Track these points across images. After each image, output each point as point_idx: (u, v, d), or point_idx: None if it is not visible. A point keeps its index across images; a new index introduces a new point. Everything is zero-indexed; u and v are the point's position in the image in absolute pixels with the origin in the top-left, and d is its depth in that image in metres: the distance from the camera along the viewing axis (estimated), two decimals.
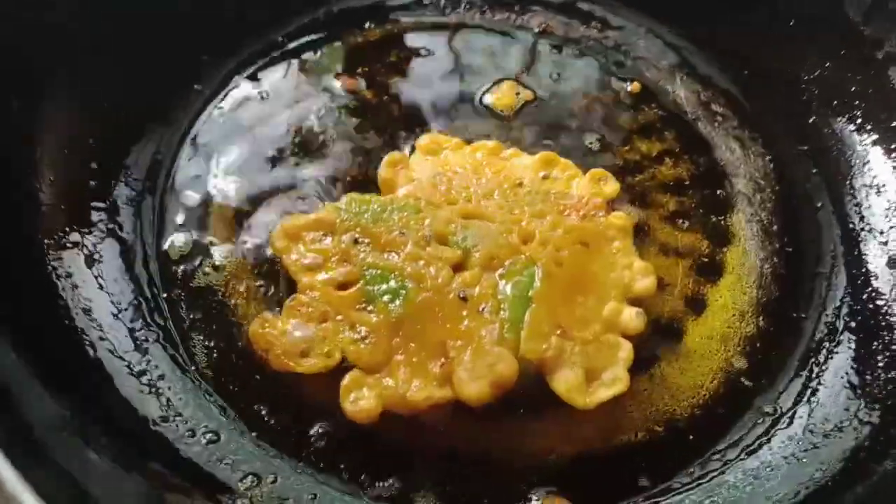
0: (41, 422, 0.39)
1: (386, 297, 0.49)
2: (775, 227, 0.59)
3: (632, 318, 0.50)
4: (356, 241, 0.52)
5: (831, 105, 0.63)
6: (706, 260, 0.57)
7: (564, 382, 0.47)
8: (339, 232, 0.52)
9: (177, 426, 0.45)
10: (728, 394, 0.50)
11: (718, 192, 0.61)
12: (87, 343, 0.45)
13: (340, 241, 0.52)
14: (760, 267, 0.57)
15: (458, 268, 0.51)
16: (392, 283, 0.50)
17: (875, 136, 0.60)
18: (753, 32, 0.67)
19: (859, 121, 0.61)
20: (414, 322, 0.48)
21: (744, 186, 0.61)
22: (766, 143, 0.63)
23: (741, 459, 0.47)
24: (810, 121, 0.63)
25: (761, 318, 0.54)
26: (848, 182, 0.60)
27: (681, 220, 0.58)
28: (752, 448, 0.48)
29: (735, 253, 0.57)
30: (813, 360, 0.51)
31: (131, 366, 0.47)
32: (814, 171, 0.61)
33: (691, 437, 0.48)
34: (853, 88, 0.62)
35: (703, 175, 0.61)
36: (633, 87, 0.67)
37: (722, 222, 0.59)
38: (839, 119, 0.62)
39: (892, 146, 0.59)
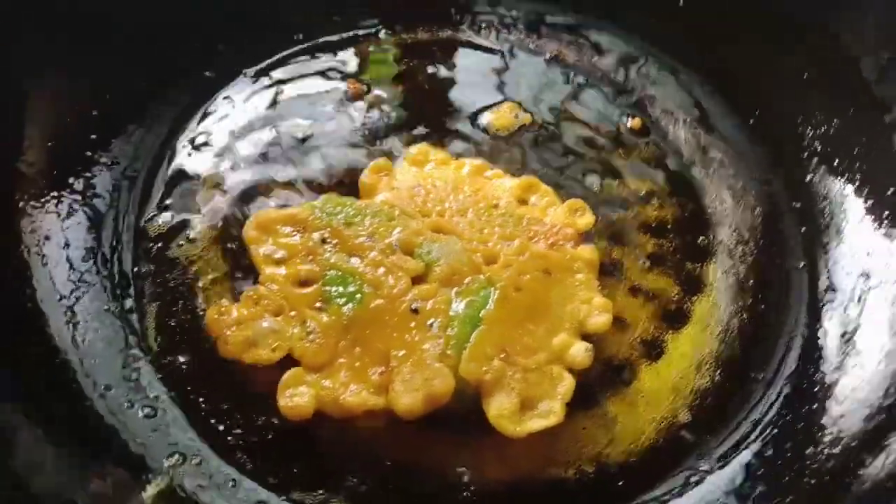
0: None
1: (341, 300, 0.50)
2: (750, 283, 0.58)
3: (580, 352, 0.50)
4: (324, 241, 0.53)
5: (832, 164, 0.62)
6: (673, 307, 0.56)
7: (497, 407, 0.47)
8: (309, 229, 0.54)
9: (119, 398, 0.46)
10: (667, 445, 0.50)
11: (700, 239, 0.60)
12: (39, 301, 0.47)
13: (309, 238, 0.53)
14: (727, 321, 0.56)
15: (418, 280, 0.52)
16: (350, 287, 0.51)
17: (870, 202, 0.58)
18: (767, 81, 0.66)
19: (857, 183, 0.60)
20: (363, 327, 0.49)
21: (727, 237, 0.60)
22: (758, 196, 0.62)
23: None
24: (808, 178, 0.62)
25: (718, 372, 0.53)
26: (830, 247, 0.58)
27: (656, 263, 0.58)
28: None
29: (704, 303, 0.56)
30: (760, 425, 0.50)
31: (76, 328, 0.49)
32: (802, 229, 0.60)
33: (620, 482, 0.48)
34: (856, 150, 0.60)
35: (687, 220, 0.61)
36: (634, 122, 0.66)
37: (697, 271, 0.58)
38: (838, 179, 0.61)
39: (885, 215, 0.57)
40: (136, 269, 0.53)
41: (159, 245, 0.55)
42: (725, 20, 0.68)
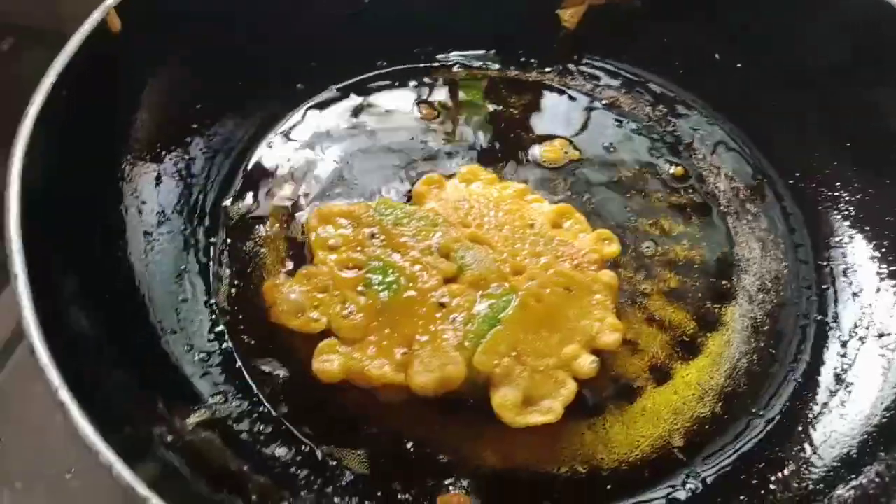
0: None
1: (379, 287, 0.57)
2: (765, 328, 0.60)
3: (586, 363, 0.54)
4: (373, 236, 0.60)
5: (864, 230, 0.64)
6: (687, 339, 0.59)
7: (501, 397, 0.52)
8: (362, 225, 0.61)
9: (180, 340, 0.54)
10: (658, 461, 0.53)
11: (724, 282, 0.63)
12: (130, 254, 0.56)
13: (361, 232, 0.60)
14: (737, 360, 0.59)
15: (449, 280, 0.58)
16: (389, 277, 0.57)
17: (893, 269, 0.61)
18: (811, 145, 0.69)
19: (883, 251, 0.62)
20: (394, 313, 0.55)
21: (750, 284, 0.63)
22: (786, 252, 0.65)
23: None
24: (838, 240, 0.65)
25: (720, 404, 0.56)
26: (847, 306, 0.60)
27: (677, 298, 0.62)
28: None
29: (717, 340, 0.60)
30: (750, 456, 0.53)
31: (154, 278, 0.57)
32: (824, 286, 0.63)
33: (608, 486, 0.51)
34: (887, 218, 0.63)
35: (714, 264, 0.64)
36: (677, 170, 0.71)
37: (716, 311, 0.61)
38: (867, 245, 0.63)
39: None
40: (212, 239, 0.61)
41: (236, 223, 0.63)
42: (776, 86, 0.72)
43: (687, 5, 0.75)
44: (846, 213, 0.66)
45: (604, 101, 0.76)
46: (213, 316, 0.57)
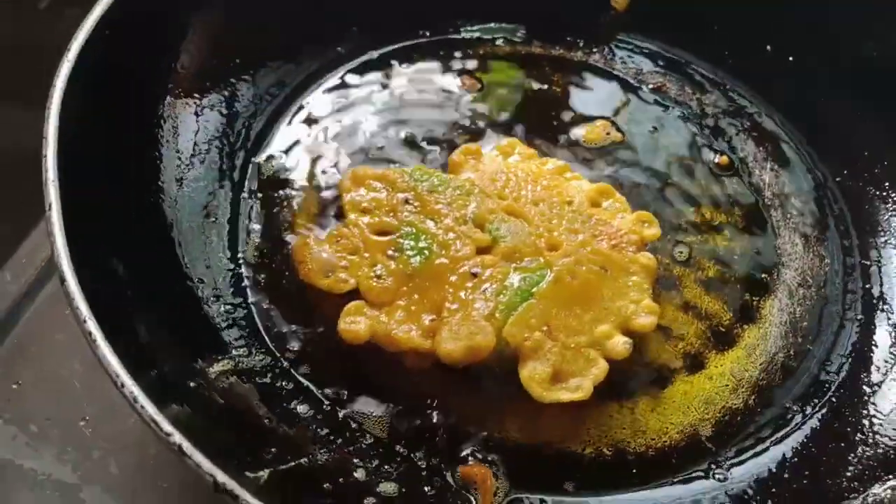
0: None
1: (411, 252, 0.55)
2: (804, 324, 0.58)
3: (619, 343, 0.52)
4: (407, 202, 0.59)
5: None
6: (723, 330, 0.58)
7: (530, 370, 0.50)
8: (396, 190, 0.59)
9: (207, 289, 0.54)
10: (687, 448, 0.51)
11: (763, 276, 0.61)
12: (163, 200, 0.55)
13: (395, 196, 0.59)
14: (773, 354, 0.57)
15: (483, 251, 0.56)
16: (421, 243, 0.56)
17: None
18: (861, 141, 0.67)
19: None
20: (425, 279, 0.54)
21: (790, 278, 0.61)
22: (829, 249, 0.63)
23: None
24: (885, 239, 0.63)
25: (753, 397, 0.54)
26: (888, 308, 0.58)
27: (715, 288, 0.60)
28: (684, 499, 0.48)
29: (754, 333, 0.58)
30: (783, 449, 0.51)
31: (198, 235, 0.56)
32: (866, 285, 0.61)
33: (634, 469, 0.50)
34: None
35: (755, 256, 0.62)
36: (722, 159, 0.69)
37: (754, 303, 0.60)
38: None
39: None
40: (243, 194, 0.61)
41: (268, 178, 0.62)
42: (826, 82, 0.70)
43: None
44: (894, 212, 0.63)
45: (650, 86, 0.74)
46: (241, 269, 0.56)
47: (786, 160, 0.69)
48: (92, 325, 0.37)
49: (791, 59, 0.73)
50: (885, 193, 0.65)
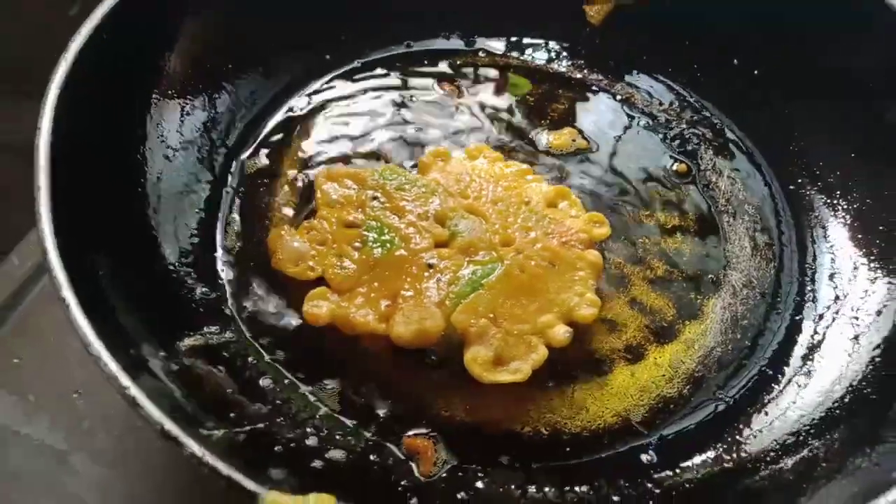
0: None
1: (374, 244, 0.60)
2: (744, 322, 0.62)
3: (559, 332, 0.56)
4: (374, 198, 0.64)
5: (856, 238, 0.65)
6: (665, 325, 0.61)
7: (473, 353, 0.55)
8: (366, 187, 0.64)
9: (186, 273, 0.59)
10: (619, 432, 0.55)
11: (710, 276, 0.65)
12: (149, 191, 0.61)
13: (363, 193, 0.64)
14: (712, 349, 0.60)
15: (441, 245, 0.61)
16: (384, 236, 0.61)
17: (885, 282, 0.62)
18: (816, 153, 0.71)
19: (872, 258, 0.63)
20: (384, 269, 0.59)
21: (736, 280, 0.65)
22: (777, 255, 0.67)
23: None
24: (829, 245, 0.66)
25: (687, 387, 0.58)
26: (829, 310, 0.62)
27: (661, 286, 0.64)
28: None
29: (695, 329, 0.61)
30: (709, 437, 0.55)
31: (181, 224, 0.62)
32: (808, 289, 0.64)
33: (568, 448, 0.54)
34: (881, 228, 0.64)
35: (703, 258, 0.66)
36: (680, 167, 0.73)
37: (698, 301, 0.63)
38: (857, 253, 0.64)
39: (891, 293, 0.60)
40: (226, 189, 0.66)
41: (251, 174, 0.67)
42: (789, 94, 0.73)
43: (709, 12, 0.77)
44: (843, 220, 0.67)
45: (619, 97, 0.78)
46: (220, 256, 0.61)
47: (743, 169, 0.73)
48: (67, 293, 0.42)
49: (756, 72, 0.76)
50: (834, 202, 0.68)
